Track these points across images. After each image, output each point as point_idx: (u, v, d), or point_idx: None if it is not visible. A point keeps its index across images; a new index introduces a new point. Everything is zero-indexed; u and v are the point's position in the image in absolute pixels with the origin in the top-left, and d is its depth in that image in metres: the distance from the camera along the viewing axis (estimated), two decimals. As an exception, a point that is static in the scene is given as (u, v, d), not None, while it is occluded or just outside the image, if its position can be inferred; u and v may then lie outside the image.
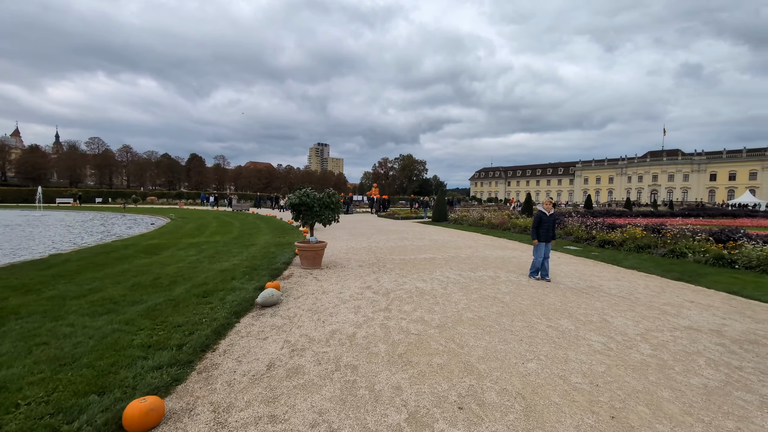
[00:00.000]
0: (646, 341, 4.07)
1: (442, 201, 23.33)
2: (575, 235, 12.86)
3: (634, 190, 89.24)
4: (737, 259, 7.99)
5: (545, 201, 7.45)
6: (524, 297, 5.81)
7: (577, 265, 8.83)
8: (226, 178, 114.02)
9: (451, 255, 9.93)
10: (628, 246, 10.54)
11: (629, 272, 8.09)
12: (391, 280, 6.77)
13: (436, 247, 11.33)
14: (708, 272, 7.79)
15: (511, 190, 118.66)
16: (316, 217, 7.35)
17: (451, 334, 4.16)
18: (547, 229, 7.12)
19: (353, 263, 8.49)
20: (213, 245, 10.96)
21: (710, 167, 79.74)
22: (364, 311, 4.92)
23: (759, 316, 5.11)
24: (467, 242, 12.84)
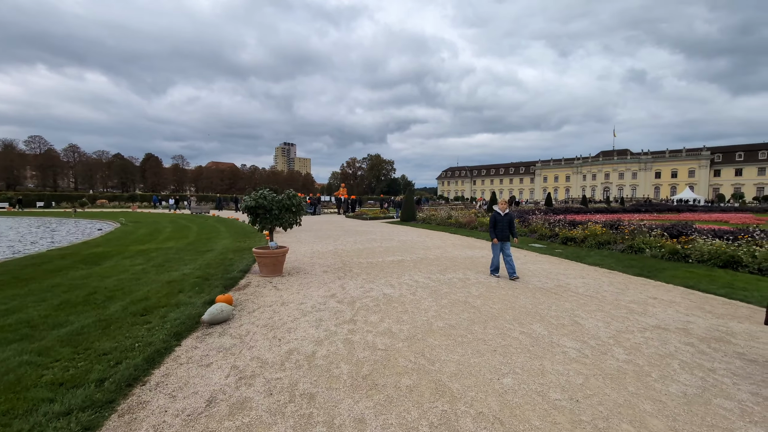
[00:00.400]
0: (620, 345, 3.93)
1: (410, 200, 23.17)
2: (539, 232, 13.04)
3: (589, 187, 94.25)
4: (690, 254, 8.29)
5: (500, 201, 7.61)
6: (495, 300, 5.59)
7: (543, 263, 8.83)
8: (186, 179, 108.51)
9: (419, 256, 9.65)
10: (590, 242, 10.77)
11: (593, 269, 8.17)
12: (357, 287, 6.34)
13: (404, 249, 11.03)
14: (665, 267, 8.01)
15: (476, 188, 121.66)
16: (276, 220, 6.78)
17: (421, 347, 3.80)
18: (503, 228, 7.22)
19: (318, 269, 7.98)
20: (164, 252, 10.03)
21: (655, 166, 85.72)
22: (326, 324, 4.46)
23: (718, 311, 5.19)
24: (436, 242, 12.66)
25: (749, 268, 7.26)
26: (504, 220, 7.25)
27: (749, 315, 5.03)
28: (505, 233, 7.24)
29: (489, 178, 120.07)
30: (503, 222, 7.24)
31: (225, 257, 9.02)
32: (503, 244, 7.26)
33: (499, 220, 7.26)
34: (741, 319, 4.83)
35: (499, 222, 7.25)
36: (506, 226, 7.25)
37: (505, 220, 7.25)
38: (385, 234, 15.21)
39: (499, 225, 7.24)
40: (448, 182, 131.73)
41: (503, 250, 7.24)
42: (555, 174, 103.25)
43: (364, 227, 18.64)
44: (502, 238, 7.24)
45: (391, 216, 27.20)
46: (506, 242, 7.28)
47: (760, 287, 6.31)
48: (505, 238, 7.26)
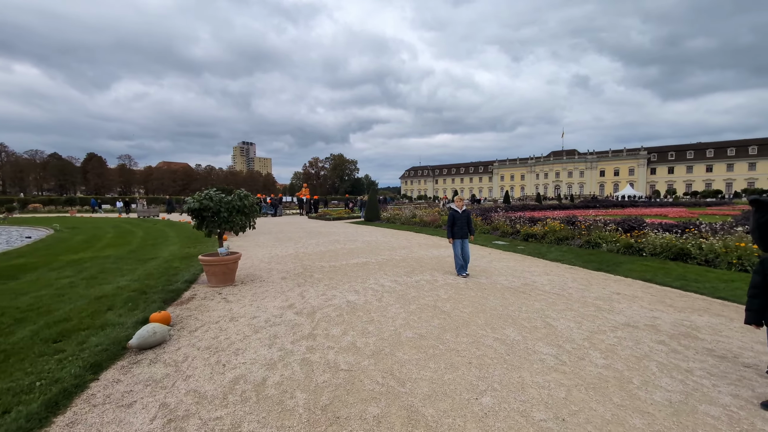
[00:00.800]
0: (595, 347, 3.74)
1: (373, 200, 22.76)
2: (501, 230, 13.13)
3: (542, 185, 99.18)
4: (644, 248, 8.56)
5: (456, 199, 7.45)
6: (465, 303, 5.29)
7: (508, 260, 8.76)
8: (134, 180, 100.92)
9: (385, 258, 9.25)
10: (549, 238, 10.93)
11: (555, 265, 8.20)
12: (318, 294, 5.80)
13: (369, 250, 10.58)
14: (622, 261, 8.20)
15: (438, 187, 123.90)
16: (225, 223, 6.05)
17: (389, 364, 3.37)
18: (461, 226, 7.15)
19: (275, 275, 7.31)
20: (100, 262, 8.85)
21: (600, 165, 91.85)
22: (281, 342, 3.90)
23: (677, 305, 5.23)
24: (401, 242, 12.33)
25: (697, 260, 7.58)
26: (462, 218, 7.18)
27: (706, 307, 5.10)
28: (463, 231, 7.17)
29: (450, 177, 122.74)
30: (462, 220, 7.17)
31: (170, 266, 8.08)
32: (462, 241, 7.18)
33: (457, 218, 7.17)
34: (700, 312, 4.87)
35: (458, 220, 7.16)
36: (464, 223, 7.19)
37: (462, 218, 7.19)
38: (349, 235, 14.68)
39: (458, 223, 7.15)
40: (411, 181, 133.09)
41: (462, 247, 7.15)
42: (511, 173, 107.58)
43: (327, 228, 17.97)
44: (461, 236, 7.16)
45: (355, 216, 26.66)
46: (465, 239, 7.22)
47: (709, 278, 6.55)
48: (464, 236, 7.19)
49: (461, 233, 7.16)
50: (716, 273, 6.85)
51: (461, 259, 7.13)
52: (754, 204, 3.01)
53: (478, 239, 12.24)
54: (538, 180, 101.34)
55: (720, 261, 7.23)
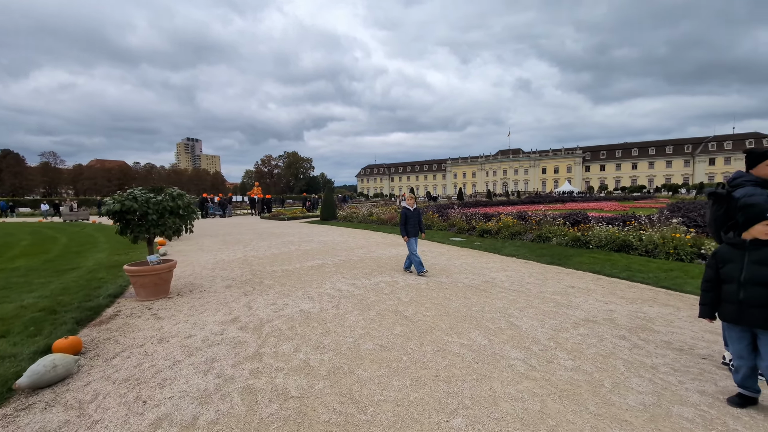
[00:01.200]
0: (561, 347, 3.59)
1: (329, 198, 22.06)
2: (458, 226, 13.18)
3: (491, 182, 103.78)
4: (590, 240, 8.90)
5: (408, 197, 7.35)
6: (427, 305, 5.00)
7: (466, 257, 8.69)
8: (61, 180, 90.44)
9: (342, 258, 8.77)
10: (504, 234, 11.10)
11: (511, 260, 8.25)
12: (268, 304, 5.19)
13: (325, 251, 10.02)
14: (571, 254, 8.45)
15: (394, 185, 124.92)
16: (155, 227, 5.22)
17: (348, 385, 2.94)
18: (414, 223, 7.10)
19: (219, 283, 6.55)
20: (5, 275, 7.45)
21: (542, 163, 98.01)
22: (220, 366, 3.31)
23: (628, 296, 5.36)
24: (359, 241, 11.90)
25: (638, 251, 7.99)
26: (414, 215, 7.12)
27: (654, 297, 5.27)
28: (416, 228, 7.13)
29: (406, 174, 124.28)
30: (414, 217, 7.10)
31: (93, 277, 6.97)
32: (415, 239, 7.13)
33: (409, 215, 7.08)
34: (650, 303, 5.00)
35: (410, 218, 7.07)
36: (417, 221, 7.14)
37: (415, 215, 7.12)
38: (304, 235, 13.95)
39: (411, 221, 7.07)
40: (367, 179, 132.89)
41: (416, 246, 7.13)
42: (463, 171, 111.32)
43: (280, 229, 17.03)
44: (414, 234, 7.10)
45: (312, 215, 25.74)
46: (416, 237, 7.18)
47: (651, 268, 6.88)
48: (416, 234, 7.14)
49: (414, 231, 7.10)
50: (656, 263, 7.24)
51: (419, 256, 7.00)
52: (711, 197, 2.99)
53: (436, 236, 12.16)
54: (488, 177, 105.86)
55: (659, 251, 7.66)
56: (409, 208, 7.15)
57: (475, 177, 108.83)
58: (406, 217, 7.09)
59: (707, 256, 7.14)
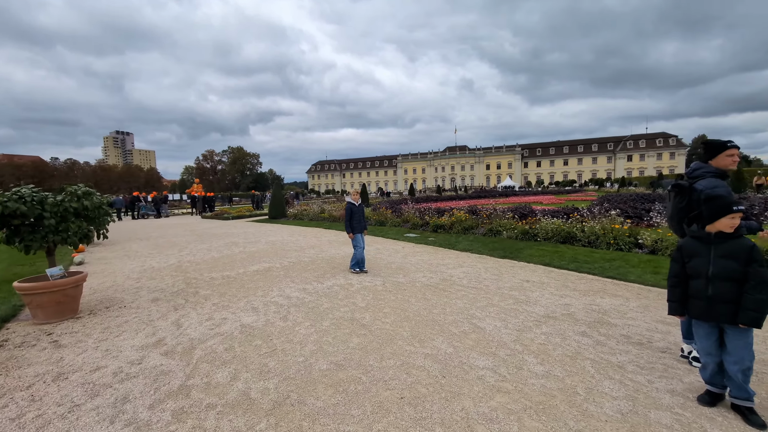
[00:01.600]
0: (528, 350, 3.39)
1: (278, 195, 20.87)
2: (412, 222, 13.00)
3: (440, 178, 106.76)
4: (538, 233, 9.14)
5: (352, 192, 7.17)
6: (386, 310, 4.60)
7: (422, 254, 8.47)
8: (-46, 178, 76.95)
9: (292, 260, 8.09)
10: (457, 229, 11.10)
11: (466, 255, 8.18)
12: (202, 319, 4.45)
13: (273, 252, 9.23)
14: (521, 247, 8.59)
15: (346, 181, 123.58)
16: (54, 234, 4.22)
17: (296, 421, 2.43)
18: (359, 219, 6.93)
19: (145, 296, 5.60)
20: None
21: (486, 159, 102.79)
22: (133, 409, 2.62)
23: (580, 287, 5.42)
24: (310, 240, 11.21)
25: (582, 242, 8.32)
26: (360, 211, 6.96)
27: (602, 288, 5.37)
28: (362, 224, 6.95)
29: (357, 171, 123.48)
30: (359, 213, 6.94)
31: (-24, 296, 5.62)
32: (361, 235, 6.94)
33: (355, 211, 6.90)
34: (601, 294, 5.07)
35: (356, 213, 6.89)
36: (363, 216, 7.01)
37: (360, 211, 6.97)
38: (250, 236, 12.90)
39: (356, 216, 6.88)
40: (319, 176, 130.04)
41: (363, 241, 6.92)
42: (413, 167, 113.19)
43: (224, 229, 15.68)
44: (360, 230, 6.91)
45: (260, 214, 24.25)
46: (362, 234, 6.99)
47: (596, 258, 7.14)
48: (362, 229, 6.97)
49: (360, 226, 6.91)
50: (599, 253, 7.55)
51: (361, 254, 6.81)
52: (675, 188, 2.91)
53: (390, 233, 11.87)
54: (437, 173, 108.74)
55: (600, 242, 8.03)
56: (354, 203, 6.94)
57: (425, 173, 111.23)
58: (352, 212, 6.85)
59: (644, 245, 7.65)
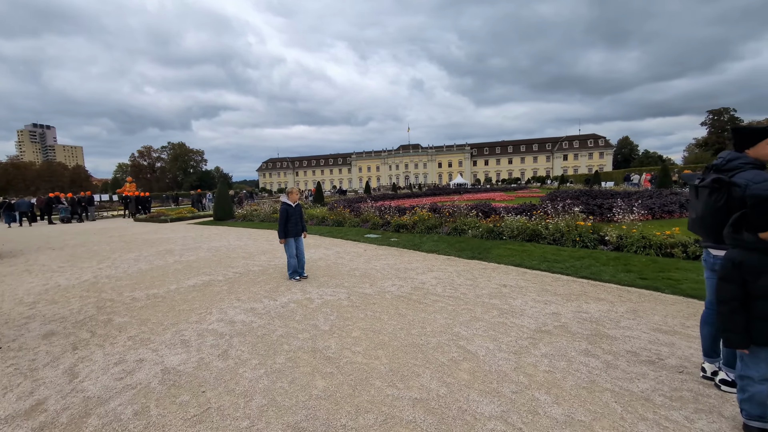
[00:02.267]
0: (534, 381, 2.77)
1: (224, 194, 18.97)
2: (372, 221, 12.23)
3: (395, 176, 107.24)
4: (503, 231, 8.83)
5: (290, 191, 6.50)
6: (355, 334, 3.77)
7: (387, 257, 7.73)
8: None
9: (238, 270, 6.93)
10: (420, 228, 10.53)
11: (433, 257, 7.59)
12: (109, 364, 3.29)
13: (216, 261, 7.95)
14: (488, 246, 8.20)
15: (299, 179, 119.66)
16: None
17: None
18: (296, 222, 6.31)
19: (35, 330, 4.21)
20: None
21: (437, 158, 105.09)
22: None
23: (560, 291, 5.01)
24: (261, 245, 9.99)
25: (547, 239, 8.11)
26: (297, 213, 6.35)
27: (582, 290, 5.01)
28: (298, 227, 6.33)
29: (311, 169, 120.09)
30: (296, 214, 6.33)
31: None
32: (297, 239, 6.30)
33: (291, 213, 6.25)
34: (584, 298, 4.68)
35: (292, 215, 6.24)
36: (300, 218, 6.43)
37: (297, 213, 6.38)
38: (190, 241, 11.30)
39: (292, 219, 6.23)
40: (270, 174, 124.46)
41: (297, 246, 6.27)
42: (368, 165, 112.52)
43: (159, 233, 13.73)
44: (295, 234, 6.26)
45: (205, 215, 22.01)
46: (300, 237, 6.39)
47: (564, 257, 6.89)
48: (298, 233, 6.33)
49: (296, 230, 6.26)
50: (566, 251, 7.34)
51: (296, 260, 6.19)
52: (715, 183, 2.39)
53: (350, 233, 11.00)
54: (391, 171, 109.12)
55: (565, 239, 7.85)
56: (291, 204, 6.25)
57: (379, 171, 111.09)
58: (287, 214, 6.16)
59: (609, 242, 7.58)
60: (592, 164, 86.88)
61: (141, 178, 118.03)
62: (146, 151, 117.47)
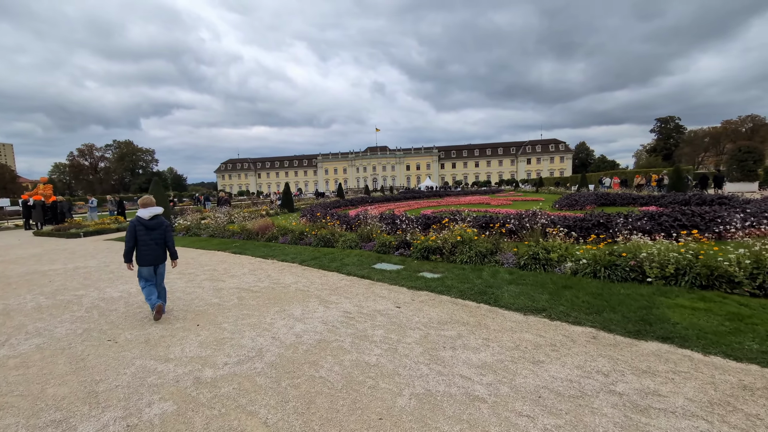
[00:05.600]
0: None
1: (159, 199, 13.79)
2: (379, 241, 8.00)
3: (362, 178, 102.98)
4: (639, 264, 5.05)
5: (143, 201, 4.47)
6: None
7: (455, 331, 3.67)
8: None
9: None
10: (465, 254, 6.53)
11: (536, 322, 3.66)
12: None
13: (116, 320, 3.43)
14: (648, 303, 4.41)
15: (262, 182, 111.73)
16: None
17: None
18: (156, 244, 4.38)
19: None
20: None
21: (406, 160, 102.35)
22: None
23: None
24: (209, 282, 5.47)
25: (745, 286, 4.42)
26: (157, 231, 4.39)
27: None
28: (157, 253, 4.39)
29: (275, 170, 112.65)
30: (154, 234, 4.36)
31: None
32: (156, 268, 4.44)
33: (141, 232, 4.30)
34: None
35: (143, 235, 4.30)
36: (160, 239, 4.42)
37: (157, 231, 4.40)
38: (98, 269, 6.49)
39: (143, 239, 4.30)
40: (230, 175, 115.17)
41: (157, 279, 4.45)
42: (334, 167, 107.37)
43: (57, 255, 8.60)
44: (151, 262, 4.35)
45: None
46: (160, 265, 4.49)
47: None
48: (157, 260, 4.41)
49: (152, 256, 4.35)
50: None
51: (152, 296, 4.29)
52: None
53: (348, 262, 6.80)
54: (359, 173, 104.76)
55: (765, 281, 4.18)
56: (144, 217, 4.33)
57: (347, 173, 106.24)
58: (135, 232, 4.30)
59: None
60: (553, 168, 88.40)
61: (82, 179, 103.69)
62: (88, 150, 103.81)
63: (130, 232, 4.36)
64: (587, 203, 15.06)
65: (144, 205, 4.43)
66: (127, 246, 4.38)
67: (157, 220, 4.47)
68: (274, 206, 23.77)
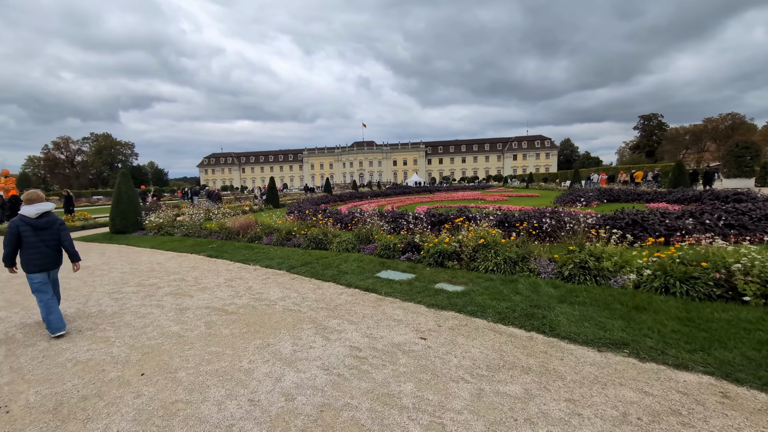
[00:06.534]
0: None
1: (129, 195, 12.15)
2: (382, 242, 6.75)
3: (349, 173, 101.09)
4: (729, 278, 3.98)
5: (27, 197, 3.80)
6: None
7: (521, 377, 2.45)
8: None
9: None
10: (487, 261, 5.36)
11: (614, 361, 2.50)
12: None
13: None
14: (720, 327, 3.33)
15: (246, 177, 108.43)
16: None
17: None
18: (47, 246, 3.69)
19: None
20: None
21: (393, 155, 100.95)
22: None
23: None
24: (168, 299, 4.09)
25: None
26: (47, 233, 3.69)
27: None
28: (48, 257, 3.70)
29: (259, 165, 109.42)
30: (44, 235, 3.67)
31: None
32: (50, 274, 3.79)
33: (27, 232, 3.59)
34: None
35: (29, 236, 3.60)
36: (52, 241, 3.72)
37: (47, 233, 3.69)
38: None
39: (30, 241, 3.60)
40: (213, 170, 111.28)
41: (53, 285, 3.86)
42: (321, 161, 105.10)
43: None
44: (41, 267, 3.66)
45: (100, 224, 14.80)
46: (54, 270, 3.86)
47: None
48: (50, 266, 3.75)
49: (42, 261, 3.66)
50: None
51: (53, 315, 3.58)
52: None
53: (345, 269, 5.52)
54: (345, 168, 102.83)
55: None
56: (30, 216, 3.60)
57: (333, 168, 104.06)
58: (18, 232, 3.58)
59: None
60: (539, 164, 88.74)
61: (58, 173, 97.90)
62: (63, 143, 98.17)
63: (9, 235, 3.64)
64: (592, 199, 14.19)
65: (29, 201, 3.73)
66: (6, 251, 3.68)
67: (47, 218, 3.79)
68: (259, 202, 22.13)
